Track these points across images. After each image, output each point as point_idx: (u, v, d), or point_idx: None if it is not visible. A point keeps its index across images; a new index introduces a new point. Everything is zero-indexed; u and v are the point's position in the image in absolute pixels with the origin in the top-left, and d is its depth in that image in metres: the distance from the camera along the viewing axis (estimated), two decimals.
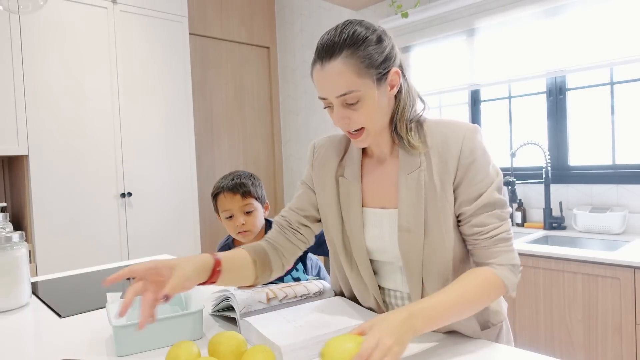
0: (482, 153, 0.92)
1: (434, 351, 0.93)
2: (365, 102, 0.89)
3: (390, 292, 1.06)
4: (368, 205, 1.02)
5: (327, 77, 0.88)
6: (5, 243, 1.30)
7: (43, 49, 2.56)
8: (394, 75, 0.91)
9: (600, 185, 2.29)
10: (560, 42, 2.36)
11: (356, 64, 0.86)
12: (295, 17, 3.86)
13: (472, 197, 0.92)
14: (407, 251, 0.95)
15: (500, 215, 0.92)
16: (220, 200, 1.35)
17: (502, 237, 0.92)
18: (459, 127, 0.93)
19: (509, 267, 0.91)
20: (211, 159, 3.63)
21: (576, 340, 1.85)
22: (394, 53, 0.91)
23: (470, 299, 0.86)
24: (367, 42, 0.87)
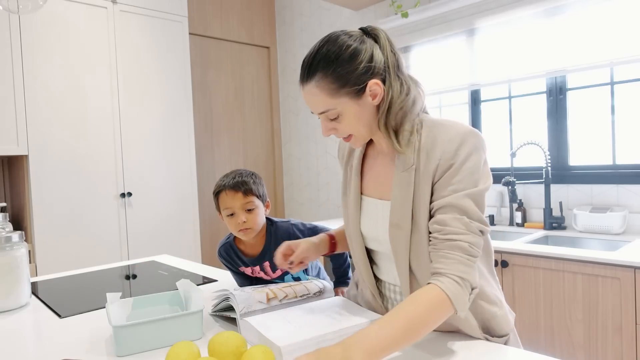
0: (466, 158, 0.89)
1: (432, 350, 0.93)
2: (345, 116, 0.94)
3: (388, 285, 1.07)
4: (367, 194, 1.07)
5: (307, 97, 0.95)
6: (5, 243, 1.30)
7: (43, 49, 2.56)
8: (374, 86, 0.92)
9: (601, 185, 2.29)
10: (560, 42, 2.36)
11: (327, 85, 0.91)
12: (295, 17, 3.86)
13: (442, 195, 0.90)
14: (396, 245, 0.97)
15: (467, 224, 0.87)
16: (221, 198, 1.35)
17: (460, 246, 0.86)
18: (451, 129, 0.92)
19: (457, 279, 0.84)
20: (211, 159, 3.63)
21: (576, 340, 1.85)
22: (372, 65, 0.92)
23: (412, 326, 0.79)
24: (338, 63, 0.90)
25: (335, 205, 3.64)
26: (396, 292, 1.06)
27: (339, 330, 0.96)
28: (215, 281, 1.60)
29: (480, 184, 0.90)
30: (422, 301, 0.82)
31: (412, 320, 0.79)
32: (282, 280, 1.43)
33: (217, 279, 1.63)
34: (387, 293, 1.08)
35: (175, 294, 1.21)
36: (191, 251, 3.15)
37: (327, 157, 3.68)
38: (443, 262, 0.86)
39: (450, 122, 0.94)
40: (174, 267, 1.84)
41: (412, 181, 0.94)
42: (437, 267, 0.87)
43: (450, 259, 0.86)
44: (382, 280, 1.09)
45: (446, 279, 0.84)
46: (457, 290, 0.84)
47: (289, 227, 1.40)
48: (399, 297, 1.05)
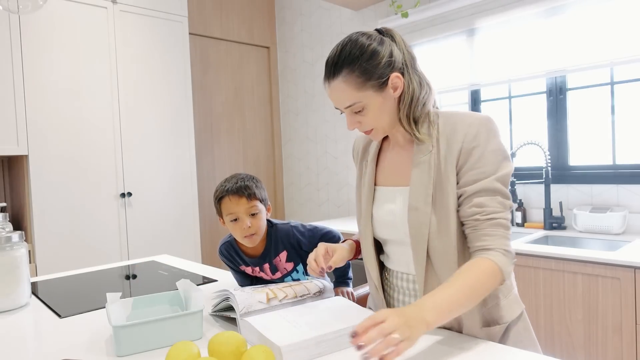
0: (487, 141, 0.96)
1: (429, 349, 0.93)
2: (370, 109, 1.00)
3: (400, 274, 1.09)
4: (383, 184, 1.12)
5: (333, 93, 1.01)
6: (5, 243, 1.30)
7: (43, 49, 2.56)
8: (395, 79, 0.99)
9: (601, 185, 2.29)
10: (560, 42, 2.36)
11: (354, 80, 0.98)
12: (295, 17, 3.86)
13: (473, 179, 0.96)
14: (415, 228, 1.00)
15: (502, 202, 0.95)
16: (225, 204, 1.32)
17: (501, 223, 0.94)
18: (469, 116, 0.99)
19: (503, 251, 0.93)
20: (211, 159, 3.63)
21: (576, 340, 1.85)
22: (393, 59, 0.99)
23: (472, 290, 0.87)
24: (362, 59, 0.97)
25: (335, 205, 3.64)
26: (409, 280, 1.07)
27: (339, 330, 0.96)
28: (215, 281, 1.60)
29: (505, 166, 0.97)
30: (477, 270, 0.90)
31: (471, 286, 0.87)
32: (282, 281, 1.43)
33: (217, 279, 1.63)
34: (398, 282, 1.10)
35: (175, 294, 1.21)
36: (191, 251, 3.15)
37: (327, 157, 3.68)
38: (487, 239, 0.94)
39: (465, 111, 1.02)
40: (174, 267, 1.84)
41: (432, 165, 1.00)
42: (482, 245, 0.94)
43: (493, 235, 0.94)
44: (393, 270, 1.12)
45: (495, 253, 0.92)
46: (505, 261, 0.93)
47: (289, 229, 1.39)
48: (412, 285, 1.07)
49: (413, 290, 1.07)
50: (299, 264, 1.43)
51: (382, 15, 3.19)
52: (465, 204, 0.97)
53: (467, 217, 0.97)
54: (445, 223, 0.98)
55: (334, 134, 3.61)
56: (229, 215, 1.32)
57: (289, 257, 1.39)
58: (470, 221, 0.97)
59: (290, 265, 1.41)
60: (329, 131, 3.64)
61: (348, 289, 1.42)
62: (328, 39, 3.60)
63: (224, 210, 1.33)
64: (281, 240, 1.37)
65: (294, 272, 1.43)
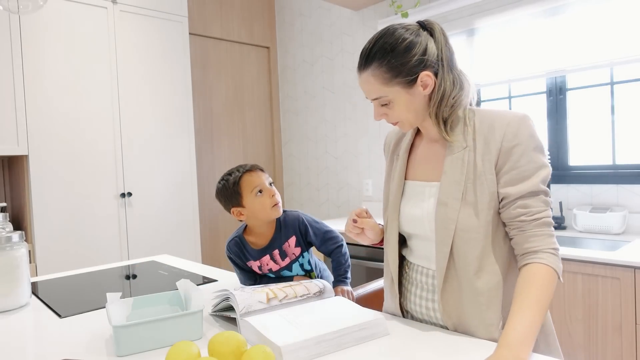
0: (527, 139, 0.95)
1: (429, 350, 0.93)
2: (396, 104, 1.01)
3: (421, 269, 1.10)
4: (412, 178, 1.12)
5: (362, 84, 1.04)
6: (5, 243, 1.30)
7: (43, 49, 2.56)
8: (425, 78, 0.99)
9: (600, 185, 2.29)
10: (560, 42, 2.36)
11: (382, 75, 0.99)
12: (295, 17, 3.86)
13: (516, 179, 0.96)
14: (441, 223, 1.00)
15: (545, 200, 0.96)
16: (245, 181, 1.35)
17: (546, 222, 0.95)
18: (507, 114, 0.99)
19: (552, 251, 0.94)
20: (211, 159, 3.63)
21: (576, 340, 1.85)
22: (425, 58, 0.98)
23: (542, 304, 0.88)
24: (393, 55, 0.97)
25: (335, 205, 3.65)
26: (429, 275, 1.07)
27: (339, 330, 0.96)
28: (215, 281, 1.60)
29: (546, 164, 0.97)
30: (538, 280, 0.91)
31: (540, 302, 0.88)
32: (290, 269, 1.44)
33: (217, 279, 1.63)
34: (417, 276, 1.10)
35: (175, 294, 1.21)
36: (191, 251, 3.15)
37: (327, 157, 3.68)
38: (535, 240, 0.94)
39: (503, 109, 1.02)
40: (174, 267, 1.84)
41: (466, 162, 0.99)
42: (530, 247, 0.95)
43: (540, 235, 0.95)
44: (413, 264, 1.12)
45: (545, 255, 0.93)
46: (556, 261, 0.94)
47: (298, 215, 1.43)
48: (431, 280, 1.07)
49: (432, 285, 1.06)
50: (305, 251, 1.44)
51: (382, 15, 3.19)
52: (509, 206, 0.97)
53: (512, 219, 0.97)
54: (473, 221, 0.98)
55: (334, 134, 3.61)
56: (254, 189, 1.34)
57: (297, 242, 1.42)
58: (515, 222, 0.96)
59: (298, 250, 1.42)
60: (329, 131, 3.64)
61: (347, 288, 1.43)
62: (328, 39, 3.60)
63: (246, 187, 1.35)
64: (291, 224, 1.41)
65: (300, 257, 1.44)
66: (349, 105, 3.47)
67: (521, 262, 0.96)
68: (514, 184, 0.96)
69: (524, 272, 0.93)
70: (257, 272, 1.46)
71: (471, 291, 0.99)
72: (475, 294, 0.98)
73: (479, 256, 0.98)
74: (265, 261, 1.43)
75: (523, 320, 0.85)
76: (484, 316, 0.98)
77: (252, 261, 1.44)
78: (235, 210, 1.38)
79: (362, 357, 0.92)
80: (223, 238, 3.69)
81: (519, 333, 0.84)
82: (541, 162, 0.96)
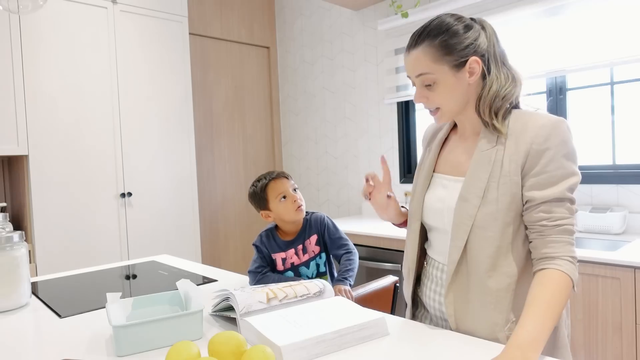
0: (559, 144, 0.94)
1: (429, 350, 0.93)
2: (440, 85, 1.01)
3: (437, 263, 1.11)
4: (441, 171, 1.13)
5: (409, 61, 1.03)
6: (5, 243, 1.30)
7: (43, 49, 2.55)
8: (473, 64, 1.00)
9: (600, 185, 2.29)
10: (560, 42, 2.36)
11: (432, 52, 0.99)
12: (295, 17, 3.86)
13: (544, 183, 0.94)
14: (459, 218, 1.01)
15: (570, 207, 0.95)
16: (271, 188, 1.52)
17: (568, 229, 0.94)
18: (541, 117, 0.98)
19: (570, 259, 0.93)
20: (211, 159, 3.63)
21: (576, 340, 1.85)
22: (478, 43, 1.00)
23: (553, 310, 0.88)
24: (447, 33, 0.99)
25: (335, 205, 3.65)
26: (443, 270, 1.09)
27: (339, 330, 0.96)
28: (215, 281, 1.60)
29: (576, 172, 0.96)
30: (552, 285, 0.90)
31: (552, 306, 0.88)
32: (307, 266, 1.55)
33: (217, 279, 1.63)
34: (434, 271, 1.12)
35: (175, 294, 1.21)
36: (191, 251, 3.15)
37: (327, 157, 3.68)
38: (554, 247, 0.93)
39: (540, 112, 1.02)
40: (174, 267, 1.84)
41: (493, 160, 0.99)
42: (548, 252, 0.94)
43: (560, 242, 0.93)
44: (432, 259, 1.14)
45: (562, 262, 0.92)
46: (573, 269, 0.93)
47: (322, 216, 1.60)
48: (444, 275, 1.08)
49: (445, 280, 1.06)
50: (323, 251, 1.58)
51: (382, 15, 3.19)
52: (533, 210, 0.96)
53: (534, 222, 0.96)
54: (491, 220, 0.97)
55: (334, 134, 3.61)
56: (278, 195, 1.52)
57: (317, 241, 1.56)
58: (536, 226, 0.96)
59: (317, 249, 1.56)
60: (329, 131, 3.64)
61: (346, 287, 1.43)
62: (328, 39, 3.60)
63: (272, 193, 1.53)
64: (314, 224, 1.57)
65: (318, 256, 1.57)
66: (349, 105, 3.47)
67: (537, 266, 0.95)
68: (540, 189, 0.94)
69: (539, 276, 0.92)
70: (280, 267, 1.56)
71: (480, 289, 0.99)
72: (483, 293, 0.98)
73: (492, 255, 0.97)
74: (290, 254, 1.55)
75: (533, 323, 0.85)
76: (489, 315, 0.98)
77: (278, 253, 1.56)
78: (263, 213, 1.56)
79: (362, 357, 0.92)
80: (223, 238, 3.69)
81: (529, 334, 0.84)
82: (571, 170, 0.95)
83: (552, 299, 0.88)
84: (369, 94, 3.33)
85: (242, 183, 3.82)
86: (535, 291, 0.90)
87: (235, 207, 3.77)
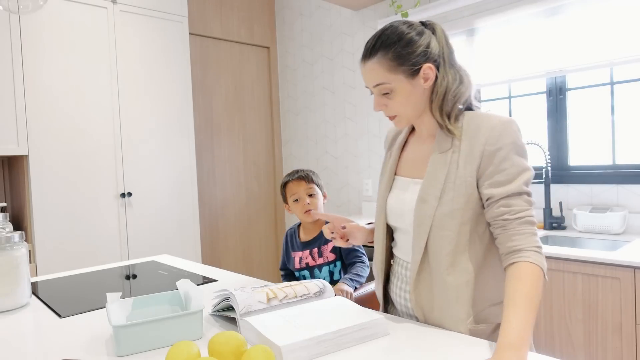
0: (511, 143, 0.99)
1: (429, 350, 0.93)
2: (397, 93, 1.04)
3: (402, 262, 1.15)
4: (402, 174, 1.17)
5: (366, 72, 1.07)
6: (5, 243, 1.30)
7: (43, 49, 2.55)
8: (427, 70, 1.03)
9: (600, 185, 2.29)
10: (560, 42, 2.36)
11: (387, 63, 1.02)
12: (295, 17, 3.86)
13: (501, 180, 0.99)
14: (419, 219, 1.05)
15: (528, 200, 1.00)
16: (289, 187, 1.65)
17: (529, 220, 0.98)
18: (492, 118, 1.02)
19: (536, 249, 0.96)
20: (211, 159, 3.63)
21: (576, 340, 1.85)
22: (430, 50, 1.03)
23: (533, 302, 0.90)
24: (400, 43, 1.02)
25: (335, 205, 3.64)
26: (407, 268, 1.13)
27: (339, 330, 0.96)
28: (215, 281, 1.60)
29: (528, 167, 1.01)
30: (527, 278, 0.92)
31: (532, 299, 0.90)
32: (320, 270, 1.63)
33: (217, 279, 1.63)
34: (400, 269, 1.16)
35: (175, 294, 1.21)
36: (191, 251, 3.15)
37: (327, 157, 3.68)
38: (518, 239, 0.96)
39: (491, 113, 1.05)
40: (174, 267, 1.84)
41: (449, 162, 1.03)
42: (514, 245, 0.96)
43: (523, 234, 0.97)
44: (398, 258, 1.17)
45: (529, 253, 0.95)
46: (541, 259, 0.95)
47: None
48: (408, 272, 1.12)
49: (409, 278, 1.11)
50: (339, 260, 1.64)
51: (382, 15, 3.19)
52: (493, 206, 1.00)
53: (496, 218, 1.00)
54: (448, 220, 1.02)
55: (334, 134, 3.61)
56: (292, 197, 1.63)
57: (333, 248, 1.63)
58: (498, 221, 0.99)
59: (332, 257, 1.62)
60: (329, 131, 3.64)
61: (348, 289, 1.43)
62: (328, 39, 3.60)
63: (288, 193, 1.65)
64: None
65: (332, 264, 1.63)
66: (349, 105, 3.47)
67: (507, 261, 0.98)
68: (498, 186, 0.99)
69: (512, 271, 0.95)
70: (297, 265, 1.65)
71: (442, 285, 1.04)
72: (445, 289, 1.03)
73: (451, 253, 1.02)
74: (305, 255, 1.63)
75: (518, 319, 0.87)
76: (452, 310, 1.03)
77: (296, 252, 1.65)
78: (285, 206, 1.69)
79: (362, 357, 0.92)
80: (223, 238, 3.69)
81: (517, 331, 0.86)
82: (524, 166, 1.00)
83: (530, 292, 0.91)
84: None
85: (242, 183, 3.82)
86: (512, 287, 0.92)
87: (235, 207, 3.77)
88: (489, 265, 1.05)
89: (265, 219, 3.98)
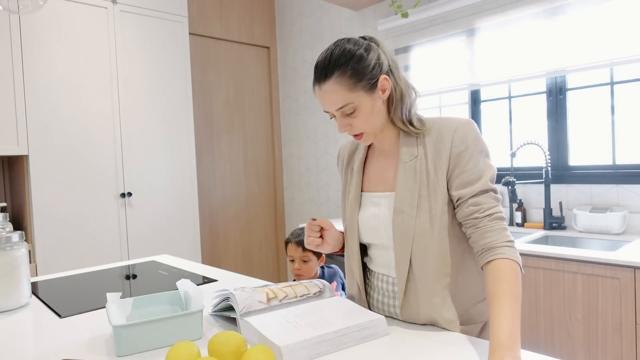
0: (473, 143, 1.01)
1: (429, 349, 0.93)
2: (361, 110, 1.03)
3: (381, 276, 1.14)
4: (369, 190, 1.15)
5: (325, 95, 1.03)
6: (5, 243, 1.30)
7: (43, 49, 2.55)
8: (383, 81, 1.03)
9: (600, 185, 2.29)
10: (560, 42, 2.36)
11: (346, 81, 1.00)
12: (295, 17, 3.86)
13: (467, 181, 1.01)
14: (399, 231, 1.04)
15: (495, 197, 1.01)
16: (288, 248, 1.85)
17: (498, 216, 0.99)
18: (452, 121, 1.04)
19: (509, 243, 0.97)
20: (211, 159, 3.63)
21: (576, 340, 1.85)
22: (381, 62, 1.03)
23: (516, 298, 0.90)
24: (353, 60, 1.00)
25: (335, 205, 3.64)
26: (389, 282, 1.12)
27: (339, 330, 0.96)
28: (215, 281, 1.60)
29: (492, 164, 1.03)
30: (507, 275, 0.93)
31: (515, 296, 0.91)
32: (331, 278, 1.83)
33: (217, 279, 1.63)
34: (379, 283, 1.15)
35: (175, 294, 1.21)
36: (191, 251, 3.15)
37: (327, 157, 3.68)
38: (491, 235, 0.97)
39: (447, 116, 1.07)
40: (174, 267, 1.84)
41: (418, 170, 1.04)
42: (487, 242, 0.97)
43: (494, 230, 0.98)
44: (375, 272, 1.16)
45: (504, 249, 0.96)
46: (515, 253, 0.96)
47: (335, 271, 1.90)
48: (391, 287, 1.11)
49: (392, 292, 1.11)
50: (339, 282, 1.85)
51: (382, 15, 3.19)
52: (463, 205, 1.01)
53: (467, 217, 1.01)
54: (429, 227, 1.02)
55: (334, 134, 3.61)
56: (288, 257, 1.85)
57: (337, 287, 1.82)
58: (470, 220, 1.00)
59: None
60: (329, 131, 3.64)
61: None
62: (328, 39, 3.60)
63: (287, 251, 1.85)
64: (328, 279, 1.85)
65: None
66: None
67: (483, 259, 0.98)
68: (466, 186, 1.01)
69: (490, 269, 0.95)
70: None
71: (427, 293, 1.04)
72: (430, 295, 1.03)
73: (435, 259, 1.02)
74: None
75: (507, 318, 0.87)
76: (442, 315, 1.03)
77: None
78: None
79: (362, 357, 0.92)
80: (223, 238, 3.69)
81: (507, 330, 0.86)
82: (487, 164, 1.02)
83: (512, 289, 0.91)
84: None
85: (242, 183, 3.82)
86: (494, 286, 0.93)
87: (235, 207, 3.77)
88: (468, 264, 1.07)
89: (265, 219, 3.98)
